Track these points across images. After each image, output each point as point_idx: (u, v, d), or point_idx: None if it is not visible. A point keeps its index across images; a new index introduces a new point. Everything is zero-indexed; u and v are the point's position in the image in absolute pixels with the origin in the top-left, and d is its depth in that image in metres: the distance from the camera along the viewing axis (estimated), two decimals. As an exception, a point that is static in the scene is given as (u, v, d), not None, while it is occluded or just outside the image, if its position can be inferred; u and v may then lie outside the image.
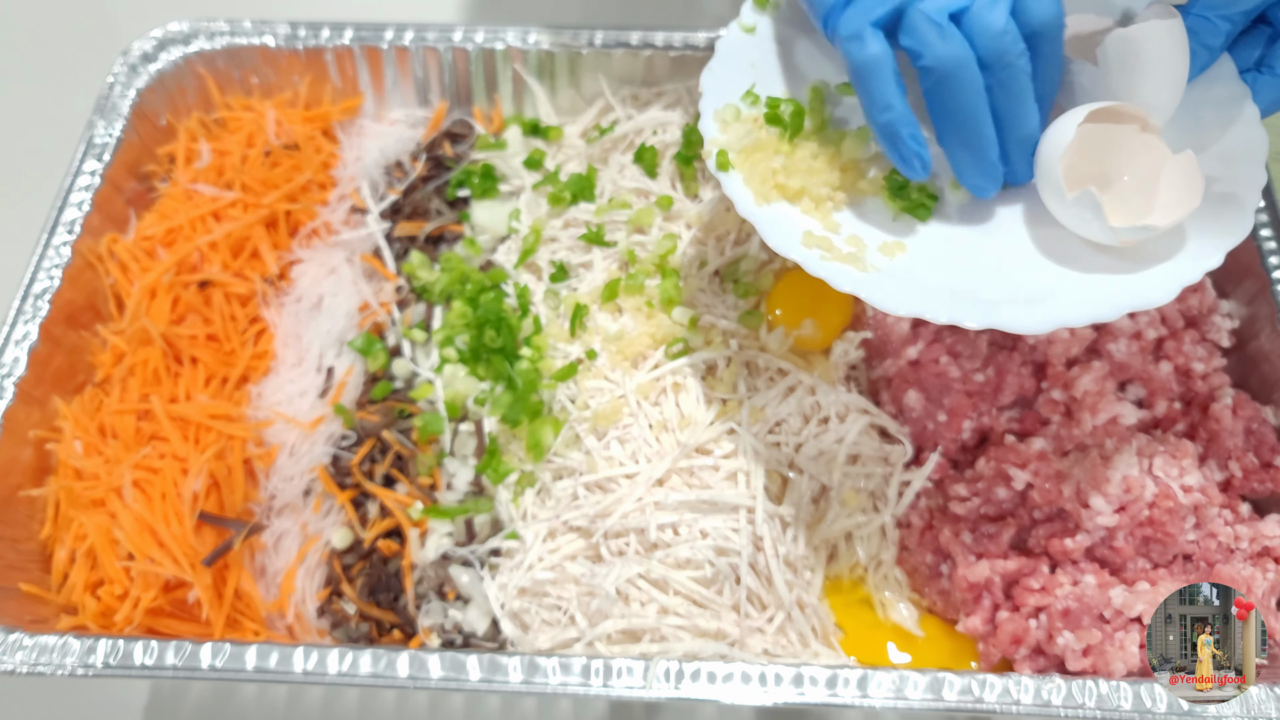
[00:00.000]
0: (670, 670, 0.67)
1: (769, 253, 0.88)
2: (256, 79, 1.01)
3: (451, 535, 0.81)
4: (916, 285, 0.66)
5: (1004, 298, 0.66)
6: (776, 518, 0.76)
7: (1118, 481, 0.71)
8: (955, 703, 0.66)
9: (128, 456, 0.79)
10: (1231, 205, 0.66)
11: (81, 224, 0.87)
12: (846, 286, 0.66)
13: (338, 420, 0.85)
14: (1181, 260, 0.65)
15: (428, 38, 1.00)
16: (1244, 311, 0.84)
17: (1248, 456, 0.77)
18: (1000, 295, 0.66)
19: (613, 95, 0.99)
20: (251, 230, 0.91)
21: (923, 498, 0.80)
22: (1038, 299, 0.65)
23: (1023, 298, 0.65)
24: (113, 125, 0.93)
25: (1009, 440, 0.77)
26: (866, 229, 0.70)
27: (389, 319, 0.91)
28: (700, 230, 0.89)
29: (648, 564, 0.74)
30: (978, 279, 0.67)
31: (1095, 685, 0.66)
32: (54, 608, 0.77)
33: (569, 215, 0.93)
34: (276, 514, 0.82)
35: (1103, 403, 0.75)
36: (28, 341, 0.81)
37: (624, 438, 0.80)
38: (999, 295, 0.66)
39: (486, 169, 0.97)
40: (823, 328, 0.84)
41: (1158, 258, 0.66)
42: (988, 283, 0.67)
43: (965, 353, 0.79)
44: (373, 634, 0.78)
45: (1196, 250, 0.65)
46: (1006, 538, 0.74)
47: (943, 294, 0.66)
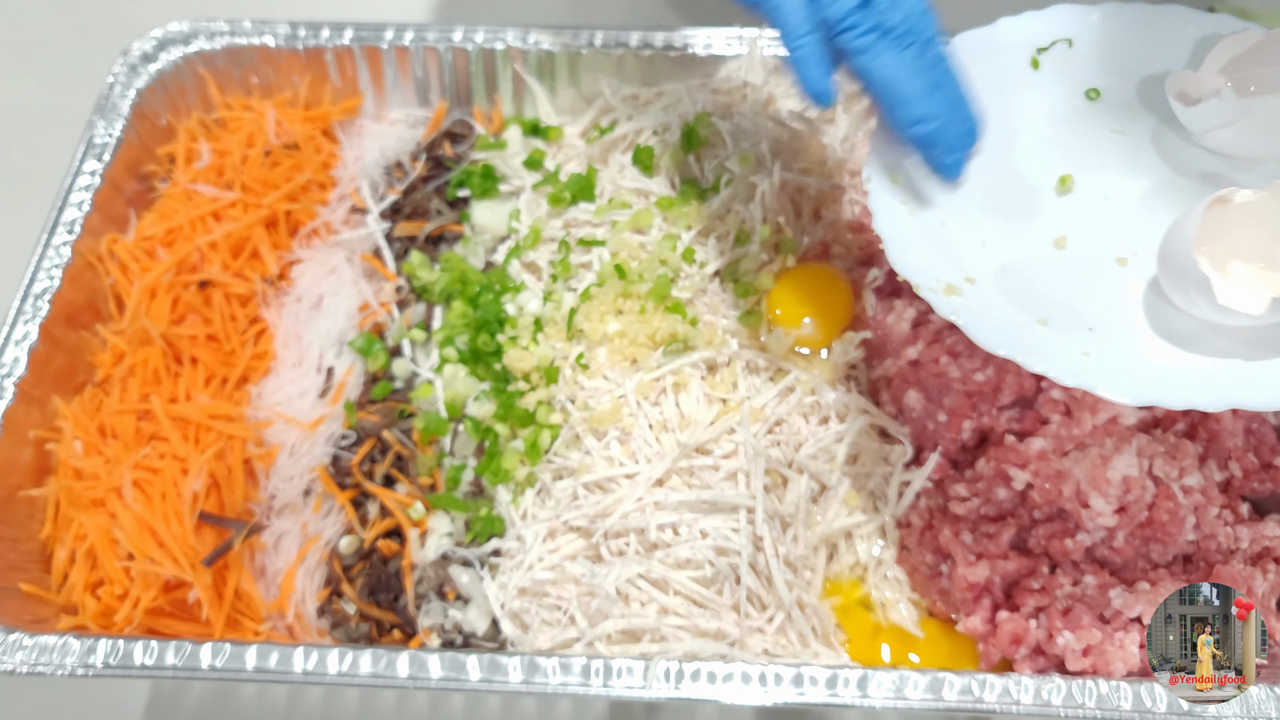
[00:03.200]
0: (670, 670, 0.67)
1: (769, 252, 0.89)
2: (256, 79, 1.01)
3: (451, 535, 0.81)
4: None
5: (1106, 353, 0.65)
6: (776, 518, 0.76)
7: (1118, 481, 0.71)
8: (955, 703, 0.66)
9: (128, 456, 0.79)
10: None
11: (81, 224, 0.87)
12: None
13: (338, 420, 0.85)
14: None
15: (428, 38, 1.00)
16: (1244, 312, 0.83)
17: (1248, 456, 0.77)
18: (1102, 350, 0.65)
19: (613, 95, 0.99)
20: (251, 230, 0.91)
21: (923, 498, 0.80)
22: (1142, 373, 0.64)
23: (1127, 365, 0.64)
24: (113, 125, 0.93)
25: (1009, 440, 0.77)
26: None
27: (389, 319, 0.91)
28: (700, 230, 0.89)
29: (648, 564, 0.74)
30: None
31: (1095, 685, 0.66)
32: (54, 608, 0.77)
33: (569, 215, 0.93)
34: (276, 514, 0.82)
35: (1103, 402, 0.75)
36: (28, 341, 0.81)
37: (624, 438, 0.80)
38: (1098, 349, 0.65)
39: (486, 169, 0.97)
40: (823, 328, 0.85)
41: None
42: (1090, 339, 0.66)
43: (965, 353, 0.79)
44: (373, 634, 0.78)
45: None
46: (1006, 538, 0.74)
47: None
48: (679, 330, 0.83)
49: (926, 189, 0.73)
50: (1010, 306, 0.68)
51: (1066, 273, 0.71)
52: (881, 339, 0.84)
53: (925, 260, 0.69)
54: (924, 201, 0.73)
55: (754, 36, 0.99)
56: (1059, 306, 0.69)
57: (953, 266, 0.70)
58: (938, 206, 0.73)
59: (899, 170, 0.73)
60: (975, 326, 0.65)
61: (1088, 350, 0.65)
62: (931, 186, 0.74)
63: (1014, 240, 0.72)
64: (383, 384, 0.87)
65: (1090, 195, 0.74)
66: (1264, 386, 0.62)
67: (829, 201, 0.93)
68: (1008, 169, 0.75)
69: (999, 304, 0.68)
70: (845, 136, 0.95)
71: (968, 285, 0.69)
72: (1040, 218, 0.74)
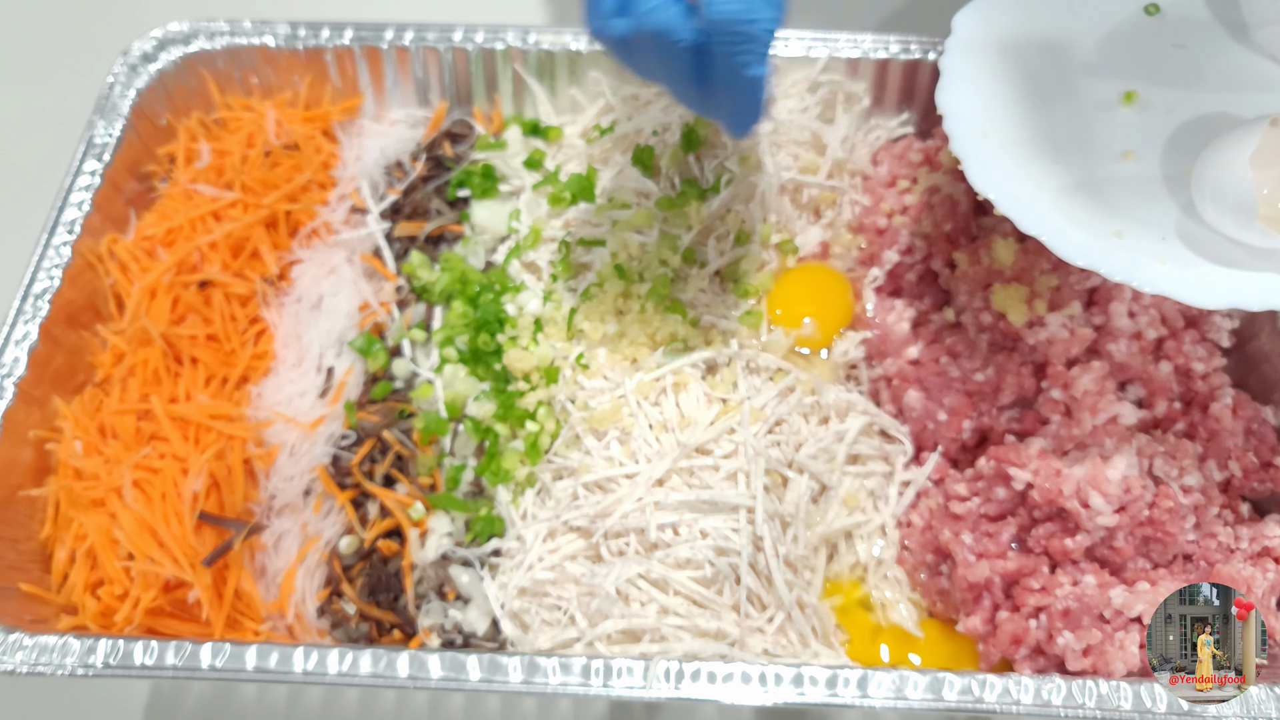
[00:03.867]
0: (670, 670, 0.67)
1: (769, 252, 0.89)
2: (256, 79, 1.01)
3: (451, 535, 0.81)
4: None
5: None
6: (776, 518, 0.76)
7: (1118, 481, 0.71)
8: (955, 703, 0.66)
9: (128, 456, 0.79)
10: None
11: (81, 224, 0.87)
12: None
13: (338, 420, 0.85)
14: None
15: (428, 38, 1.00)
16: (1244, 311, 0.84)
17: (1248, 456, 0.77)
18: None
19: (613, 95, 0.99)
20: (251, 230, 0.91)
21: (923, 498, 0.80)
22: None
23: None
24: (113, 125, 0.93)
25: (1009, 440, 0.77)
26: None
27: (389, 319, 0.91)
28: (700, 230, 0.89)
29: (648, 564, 0.74)
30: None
31: (1095, 685, 0.66)
32: (54, 608, 0.77)
33: (569, 215, 0.93)
34: (276, 514, 0.82)
35: (1103, 402, 0.75)
36: (28, 341, 0.81)
37: (624, 438, 0.80)
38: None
39: (486, 169, 0.97)
40: (823, 328, 0.85)
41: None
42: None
43: (965, 353, 0.79)
44: (373, 634, 0.78)
45: None
46: (1006, 538, 0.74)
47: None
48: (679, 330, 0.83)
49: (996, 111, 0.75)
50: (1085, 220, 0.70)
51: (1138, 186, 0.72)
52: (881, 339, 0.84)
53: (1001, 178, 0.71)
54: (995, 123, 0.74)
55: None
56: (1132, 219, 0.70)
57: (1027, 183, 0.71)
58: (1008, 127, 0.74)
59: (973, 95, 0.75)
60: (1056, 239, 0.66)
61: (1164, 258, 0.67)
62: (1001, 108, 0.75)
63: (1084, 155, 0.74)
64: (383, 384, 0.87)
65: (1156, 110, 0.75)
66: None
67: (829, 201, 0.93)
68: (1072, 86, 0.77)
69: (1074, 218, 0.70)
70: (845, 136, 0.95)
71: (1043, 200, 0.70)
72: (1108, 133, 0.75)
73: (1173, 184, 0.72)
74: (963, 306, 0.83)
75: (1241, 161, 0.65)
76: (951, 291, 0.85)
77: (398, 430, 0.85)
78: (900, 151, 0.94)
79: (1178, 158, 0.72)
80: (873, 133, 0.98)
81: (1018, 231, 0.83)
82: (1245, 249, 0.67)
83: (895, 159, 0.94)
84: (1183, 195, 0.71)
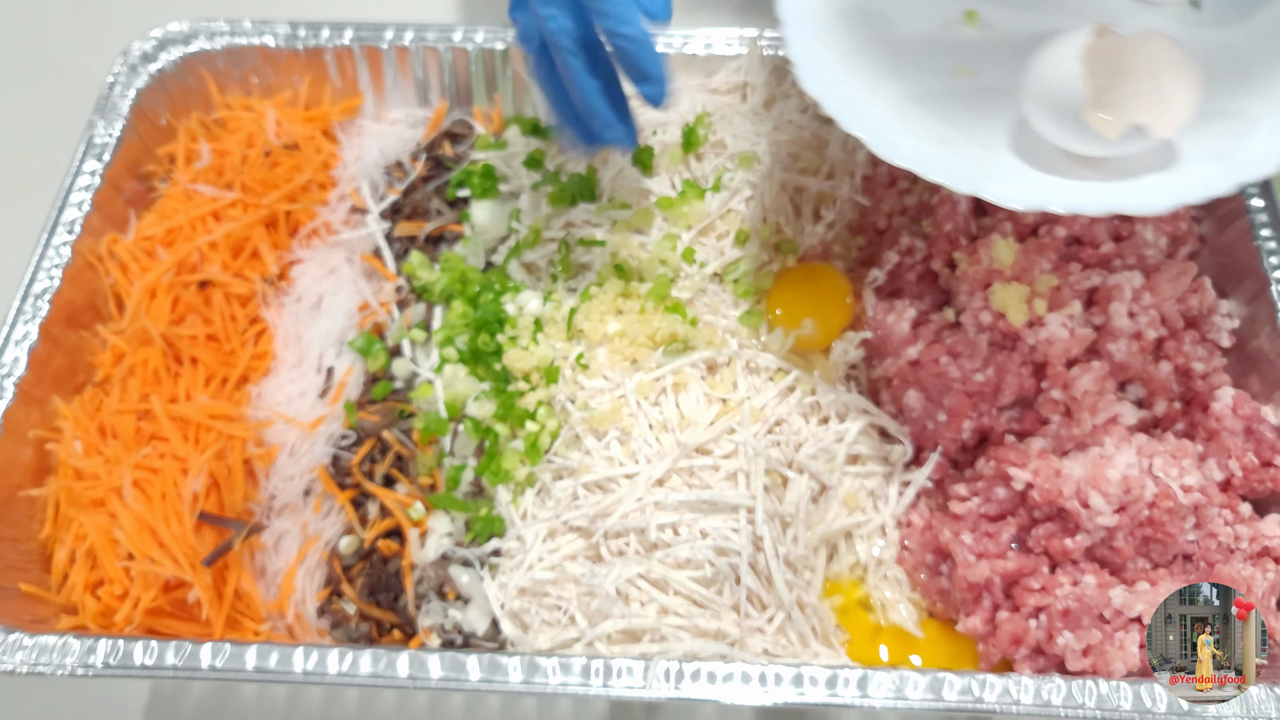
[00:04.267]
0: (670, 670, 0.67)
1: (769, 252, 0.89)
2: (256, 79, 1.01)
3: (451, 535, 0.81)
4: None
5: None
6: (776, 518, 0.76)
7: (1118, 481, 0.71)
8: (955, 703, 0.66)
9: (128, 456, 0.79)
10: (1254, 138, 0.68)
11: (81, 224, 0.87)
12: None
13: (338, 420, 0.85)
14: (1180, 176, 0.68)
15: (428, 38, 1.00)
16: (1244, 311, 0.84)
17: (1248, 456, 0.77)
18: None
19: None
20: (251, 230, 0.91)
21: (923, 498, 0.80)
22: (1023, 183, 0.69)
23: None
24: (113, 125, 0.93)
25: (1009, 440, 0.77)
26: None
27: (389, 319, 0.91)
28: (700, 230, 0.89)
29: (648, 564, 0.74)
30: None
31: (1095, 685, 0.66)
32: (54, 608, 0.77)
33: (569, 215, 0.93)
34: (276, 514, 0.82)
35: (1102, 402, 0.75)
36: (28, 341, 0.81)
37: (624, 438, 0.80)
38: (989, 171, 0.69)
39: (486, 169, 0.97)
40: (823, 328, 0.84)
41: (1150, 169, 0.68)
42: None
43: (965, 353, 0.79)
44: (373, 634, 0.78)
45: (1203, 173, 0.67)
46: (1006, 538, 0.75)
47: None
48: (679, 330, 0.83)
49: (839, 26, 0.77)
50: (915, 128, 0.72)
51: (972, 100, 0.75)
52: (881, 339, 0.84)
53: (833, 82, 0.72)
54: (837, 36, 0.76)
55: (754, 36, 0.99)
56: (963, 130, 0.72)
57: (863, 92, 0.73)
58: (850, 43, 0.76)
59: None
60: (876, 140, 0.68)
61: (986, 165, 0.70)
62: (844, 25, 0.77)
63: (923, 70, 0.76)
64: (383, 384, 0.87)
65: (996, 29, 0.78)
66: (1136, 195, 0.67)
67: (829, 201, 0.93)
68: (914, 6, 0.79)
69: (905, 126, 0.72)
70: (845, 136, 0.95)
71: (877, 108, 0.72)
72: (948, 50, 0.78)
73: (1007, 98, 0.73)
74: (963, 306, 0.83)
75: (1067, 63, 0.67)
76: (951, 291, 0.85)
77: (398, 430, 0.85)
78: (900, 151, 0.94)
79: (1013, 75, 0.74)
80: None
81: (1018, 231, 0.83)
82: (1071, 159, 0.70)
83: (895, 159, 0.94)
84: (1016, 111, 0.73)
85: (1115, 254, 0.80)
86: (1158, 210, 0.65)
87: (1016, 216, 0.84)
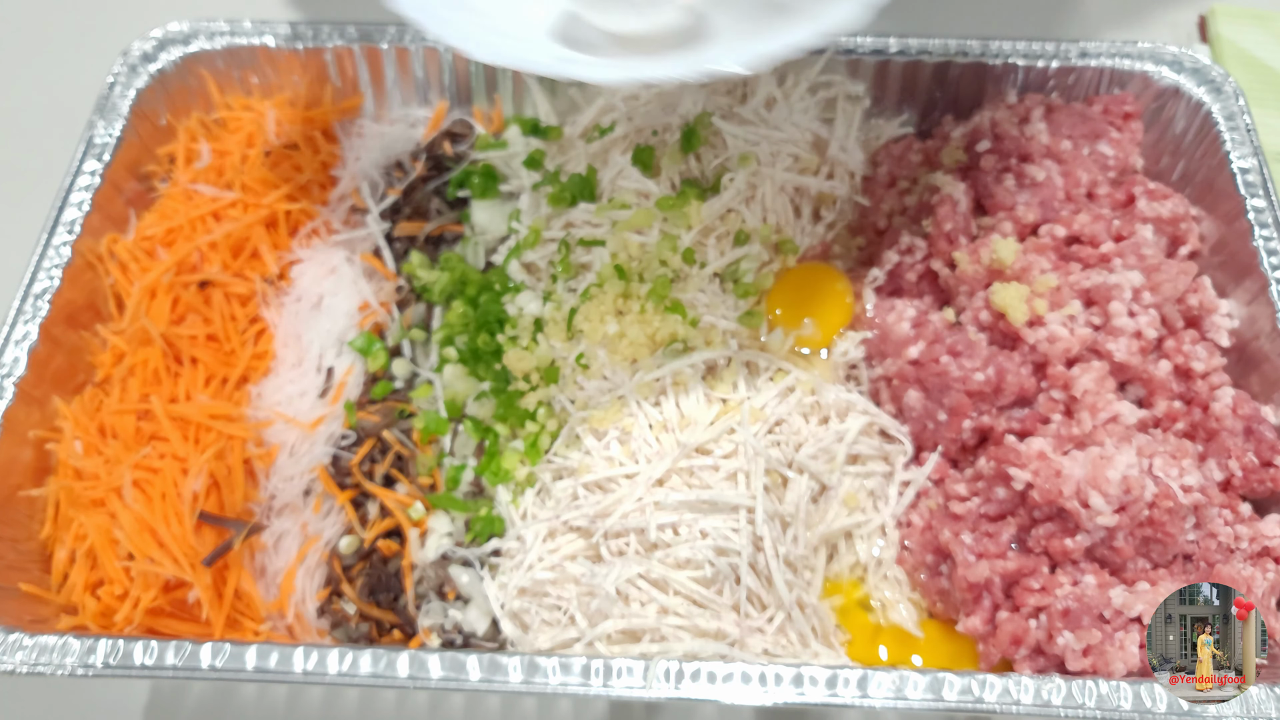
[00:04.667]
0: (670, 670, 0.67)
1: (769, 252, 0.89)
2: (256, 79, 1.01)
3: (451, 535, 0.81)
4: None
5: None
6: (776, 518, 0.76)
7: (1118, 481, 0.71)
8: (955, 703, 0.66)
9: (128, 456, 0.79)
10: (791, 18, 0.73)
11: (81, 224, 0.87)
12: None
13: (338, 420, 0.85)
14: (703, 54, 0.74)
15: (428, 38, 1.00)
16: (1244, 311, 0.84)
17: (1248, 456, 0.77)
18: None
19: (613, 95, 0.99)
20: (251, 230, 0.91)
21: (923, 498, 0.80)
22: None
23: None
24: (113, 125, 0.93)
25: (1009, 440, 0.77)
26: None
27: (389, 319, 0.91)
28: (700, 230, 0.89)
29: (648, 564, 0.74)
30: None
31: (1095, 685, 0.66)
32: (54, 608, 0.77)
33: (569, 215, 0.93)
34: (276, 514, 0.82)
35: (1102, 402, 0.75)
36: (28, 341, 0.81)
37: (624, 438, 0.80)
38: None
39: (486, 169, 0.97)
40: (823, 328, 0.85)
41: (679, 48, 0.76)
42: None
43: (965, 352, 0.79)
44: (373, 634, 0.78)
45: (724, 52, 0.74)
46: (1006, 538, 0.74)
47: None
48: (679, 330, 0.83)
49: None
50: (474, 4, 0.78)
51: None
52: (881, 339, 0.84)
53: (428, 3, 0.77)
54: None
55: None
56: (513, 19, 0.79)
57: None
58: None
59: None
60: (426, 17, 0.75)
61: (517, 36, 0.78)
62: None
63: None
64: (383, 384, 0.87)
65: None
66: (661, 67, 0.73)
67: (829, 201, 0.93)
68: None
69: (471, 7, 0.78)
70: (845, 137, 0.95)
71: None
72: None
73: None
74: (963, 306, 0.83)
75: None
76: (951, 291, 0.85)
77: (398, 430, 0.85)
78: (900, 152, 0.94)
79: None
80: (872, 133, 0.98)
81: (1018, 231, 0.83)
82: (614, 41, 0.78)
83: (895, 159, 0.94)
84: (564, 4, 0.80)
85: (1115, 254, 0.81)
86: (674, 76, 0.71)
87: (1017, 217, 0.84)
